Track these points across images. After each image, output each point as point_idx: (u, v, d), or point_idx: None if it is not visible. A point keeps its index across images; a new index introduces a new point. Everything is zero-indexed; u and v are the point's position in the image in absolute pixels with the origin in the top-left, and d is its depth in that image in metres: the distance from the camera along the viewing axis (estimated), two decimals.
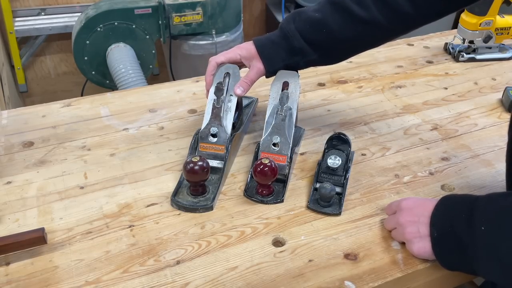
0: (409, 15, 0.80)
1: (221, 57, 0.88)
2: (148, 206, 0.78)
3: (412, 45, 1.35)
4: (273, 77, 0.88)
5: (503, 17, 1.21)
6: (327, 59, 0.88)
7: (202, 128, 0.85)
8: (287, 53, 0.85)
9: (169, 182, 0.83)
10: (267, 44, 0.85)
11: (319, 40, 0.83)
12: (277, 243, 0.71)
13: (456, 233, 0.62)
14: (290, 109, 0.83)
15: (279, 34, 0.85)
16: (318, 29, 0.83)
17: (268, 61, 0.85)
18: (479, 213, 0.61)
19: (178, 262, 0.68)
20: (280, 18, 2.44)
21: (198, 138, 0.85)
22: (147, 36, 2.06)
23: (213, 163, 0.82)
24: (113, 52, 1.98)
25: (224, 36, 2.18)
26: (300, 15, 0.84)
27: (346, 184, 0.80)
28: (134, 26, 2.02)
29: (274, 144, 0.82)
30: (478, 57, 1.25)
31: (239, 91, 0.85)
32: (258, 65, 0.86)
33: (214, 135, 0.84)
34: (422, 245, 0.66)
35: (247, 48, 0.87)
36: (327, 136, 0.85)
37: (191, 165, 0.74)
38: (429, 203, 0.67)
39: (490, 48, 1.25)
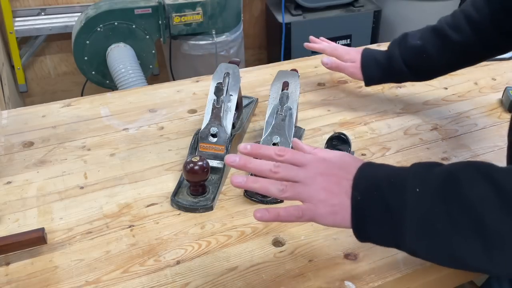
0: (496, 41, 0.87)
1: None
2: (148, 206, 0.78)
3: None
4: (273, 77, 0.88)
5: None
6: (419, 77, 0.99)
7: (202, 128, 0.85)
8: (384, 72, 0.97)
9: (169, 182, 0.83)
10: (371, 61, 0.98)
11: (418, 64, 0.94)
12: (277, 243, 0.71)
13: (384, 198, 0.53)
14: (290, 109, 0.83)
15: (385, 55, 0.97)
16: (419, 55, 0.92)
17: (366, 76, 0.99)
18: (411, 175, 0.53)
19: (178, 262, 0.68)
20: (280, 18, 2.44)
21: (198, 138, 0.85)
22: (147, 36, 2.06)
23: (213, 163, 0.82)
24: (113, 52, 1.98)
25: (224, 36, 2.18)
26: (406, 42, 0.94)
27: None
28: (134, 26, 2.02)
29: (274, 144, 0.82)
30: None
31: (326, 60, 1.02)
32: (357, 71, 0.99)
33: (214, 135, 0.84)
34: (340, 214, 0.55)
35: (356, 52, 1.01)
36: (327, 136, 0.85)
37: (191, 165, 0.74)
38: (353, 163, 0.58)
39: None
